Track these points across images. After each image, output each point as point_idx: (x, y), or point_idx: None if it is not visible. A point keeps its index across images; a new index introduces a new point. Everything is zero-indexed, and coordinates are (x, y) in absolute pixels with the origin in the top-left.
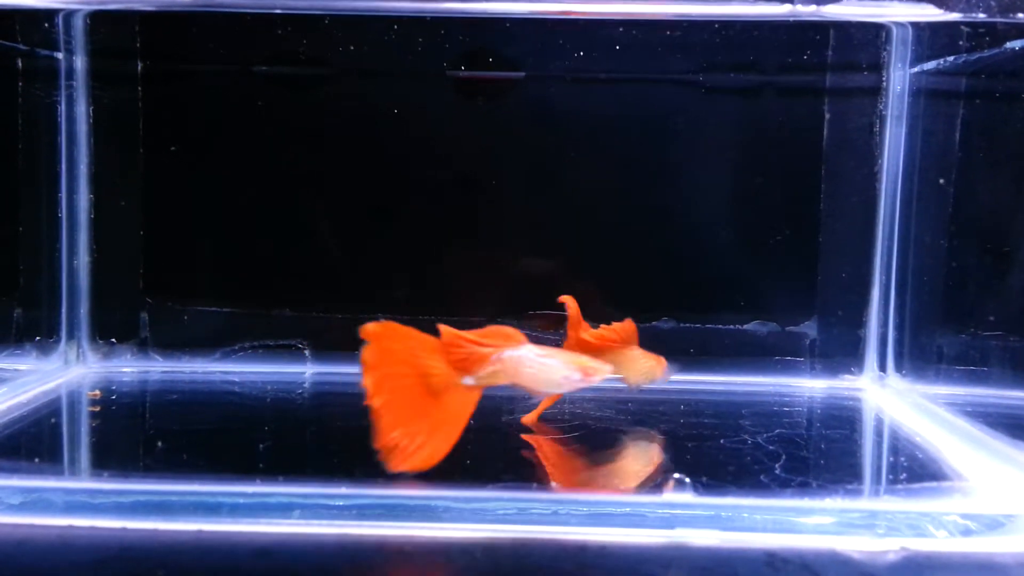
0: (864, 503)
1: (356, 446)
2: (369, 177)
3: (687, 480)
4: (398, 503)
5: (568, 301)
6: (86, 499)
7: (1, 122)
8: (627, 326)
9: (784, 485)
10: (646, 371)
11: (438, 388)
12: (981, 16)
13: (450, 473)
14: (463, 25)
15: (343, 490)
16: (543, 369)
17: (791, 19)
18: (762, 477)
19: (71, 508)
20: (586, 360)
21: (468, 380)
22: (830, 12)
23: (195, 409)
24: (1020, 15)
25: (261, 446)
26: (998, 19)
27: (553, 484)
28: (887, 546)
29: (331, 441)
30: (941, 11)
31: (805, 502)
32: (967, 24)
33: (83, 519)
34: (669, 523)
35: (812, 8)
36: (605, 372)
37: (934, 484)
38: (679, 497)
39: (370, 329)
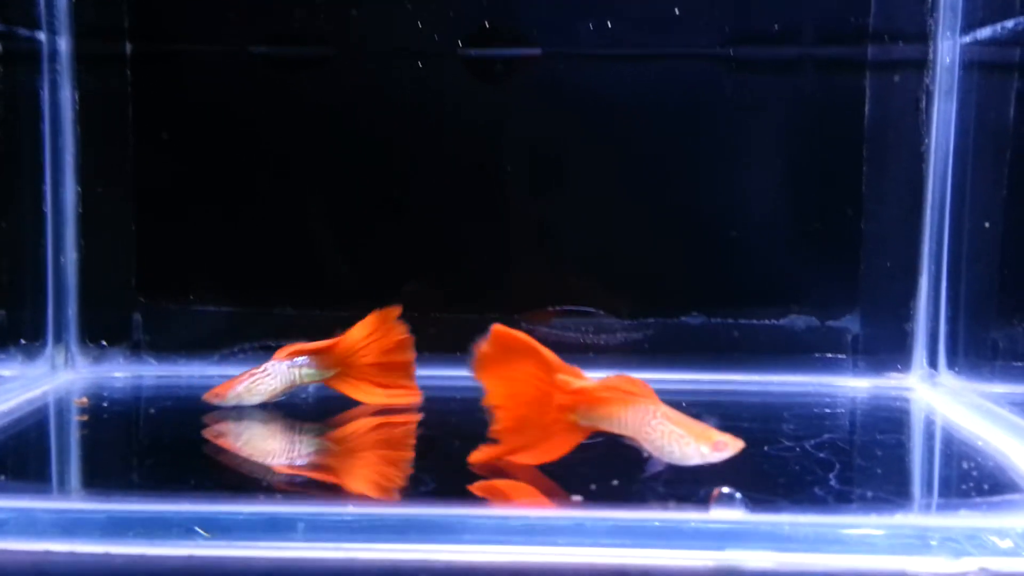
0: (938, 519)
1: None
2: (376, 165)
3: (737, 494)
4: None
5: None
6: (64, 520)
7: None
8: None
9: (843, 499)
10: None
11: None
12: None
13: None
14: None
15: (350, 509)
16: (669, 436)
17: None
18: (816, 490)
19: (47, 531)
20: (715, 433)
21: (580, 419)
22: None
23: (191, 418)
24: None
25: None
26: None
27: (574, 497)
28: (965, 567)
29: (334, 453)
30: None
31: (872, 519)
32: None
33: (61, 543)
34: (719, 543)
35: None
36: (738, 447)
37: (1014, 496)
38: (728, 514)
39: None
